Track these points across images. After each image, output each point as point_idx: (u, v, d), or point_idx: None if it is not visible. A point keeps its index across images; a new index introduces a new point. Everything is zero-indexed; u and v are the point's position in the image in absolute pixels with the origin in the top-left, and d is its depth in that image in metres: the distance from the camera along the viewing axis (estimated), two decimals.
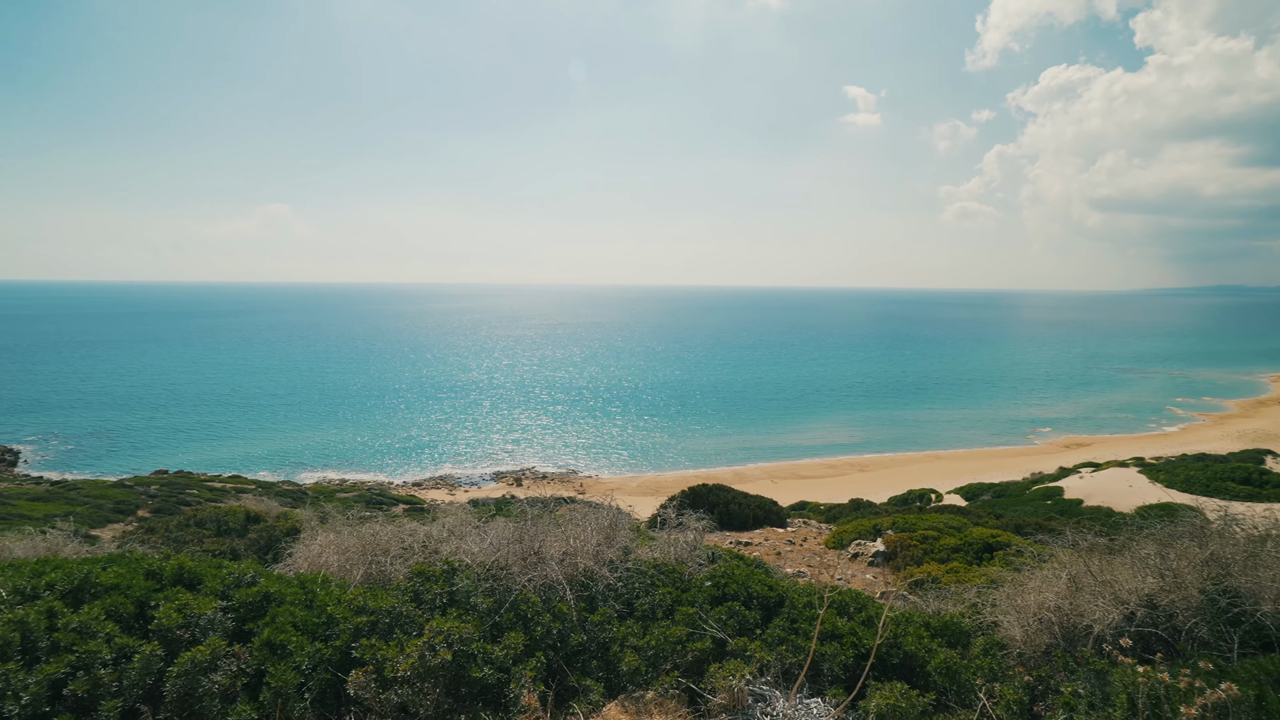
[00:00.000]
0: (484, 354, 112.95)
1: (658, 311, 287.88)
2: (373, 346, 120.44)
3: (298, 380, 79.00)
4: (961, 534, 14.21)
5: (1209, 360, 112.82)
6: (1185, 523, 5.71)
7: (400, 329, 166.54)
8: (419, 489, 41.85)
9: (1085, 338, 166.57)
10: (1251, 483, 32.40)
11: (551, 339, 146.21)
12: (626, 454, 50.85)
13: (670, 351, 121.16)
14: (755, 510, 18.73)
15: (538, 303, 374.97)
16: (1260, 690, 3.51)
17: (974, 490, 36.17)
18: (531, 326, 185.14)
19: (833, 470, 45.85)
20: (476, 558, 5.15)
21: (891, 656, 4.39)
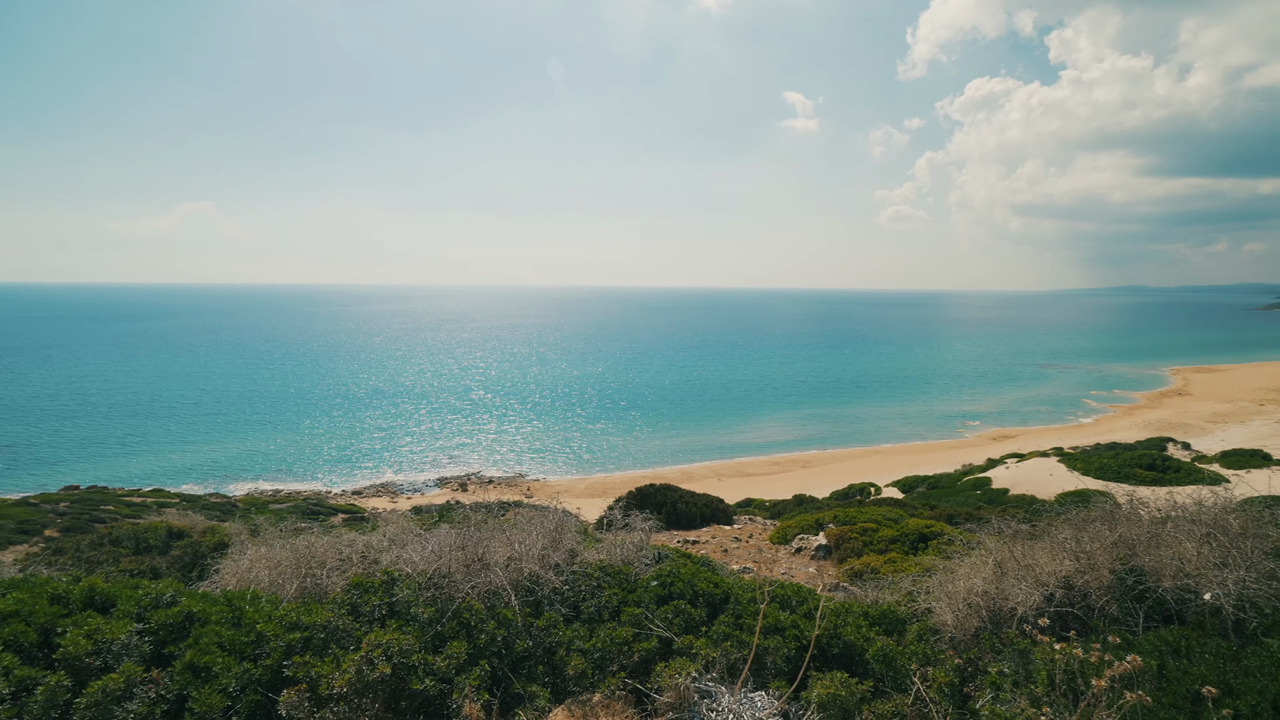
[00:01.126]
0: (425, 357, 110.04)
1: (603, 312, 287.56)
2: (307, 350, 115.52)
3: (225, 387, 74.97)
4: (898, 525, 14.78)
5: (1118, 355, 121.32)
6: (1097, 508, 6.10)
7: (336, 332, 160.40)
8: (359, 498, 40.42)
9: (1010, 335, 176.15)
10: (1155, 468, 34.98)
11: (495, 341, 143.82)
12: (574, 456, 50.56)
13: (617, 352, 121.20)
14: (702, 509, 18.95)
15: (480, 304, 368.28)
16: (1161, 660, 3.79)
17: (910, 483, 37.65)
18: (474, 328, 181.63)
19: (777, 467, 46.85)
20: (418, 566, 5.01)
21: (832, 647, 4.52)
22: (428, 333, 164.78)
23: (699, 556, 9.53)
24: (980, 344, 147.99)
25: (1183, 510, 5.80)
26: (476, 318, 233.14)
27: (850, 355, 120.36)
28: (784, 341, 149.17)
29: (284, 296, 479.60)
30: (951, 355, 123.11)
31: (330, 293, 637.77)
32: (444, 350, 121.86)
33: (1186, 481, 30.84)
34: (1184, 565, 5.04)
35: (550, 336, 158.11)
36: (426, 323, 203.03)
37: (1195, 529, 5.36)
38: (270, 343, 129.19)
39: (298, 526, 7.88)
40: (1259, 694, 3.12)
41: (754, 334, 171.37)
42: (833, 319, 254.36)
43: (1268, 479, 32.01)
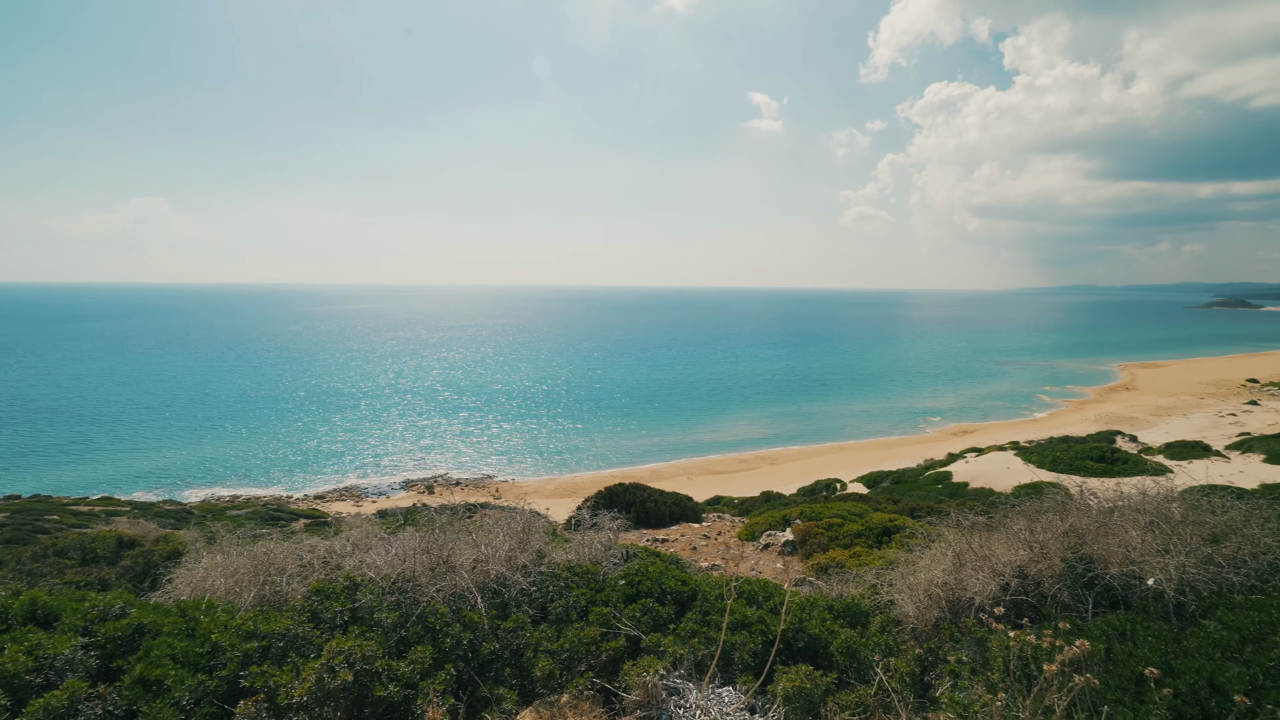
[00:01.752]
0: (388, 358, 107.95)
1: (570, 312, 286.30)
2: (265, 352, 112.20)
3: (178, 390, 72.33)
4: (863, 520, 15.06)
5: (1070, 352, 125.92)
6: (1049, 499, 6.33)
7: (297, 333, 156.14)
8: (322, 502, 39.47)
9: (968, 333, 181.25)
10: (1105, 460, 36.43)
11: (460, 341, 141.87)
12: (542, 456, 50.23)
13: (585, 352, 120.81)
14: (671, 507, 19.01)
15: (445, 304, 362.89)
16: (1109, 644, 3.95)
17: (875, 478, 38.45)
18: (439, 329, 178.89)
19: (745, 465, 47.32)
20: (381, 571, 4.92)
21: (797, 640, 4.59)
22: (391, 333, 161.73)
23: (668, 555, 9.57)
24: (940, 342, 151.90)
25: (1128, 500, 6.05)
26: (442, 318, 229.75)
27: (816, 354, 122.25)
28: (751, 340, 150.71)
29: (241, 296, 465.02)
30: (913, 353, 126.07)
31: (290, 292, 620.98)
32: (408, 351, 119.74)
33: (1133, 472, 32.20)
34: (1129, 552, 5.26)
35: (517, 336, 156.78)
36: (390, 323, 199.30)
37: (1140, 518, 5.60)
38: (226, 344, 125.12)
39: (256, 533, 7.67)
40: (1196, 673, 3.28)
41: (721, 333, 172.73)
42: (798, 318, 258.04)
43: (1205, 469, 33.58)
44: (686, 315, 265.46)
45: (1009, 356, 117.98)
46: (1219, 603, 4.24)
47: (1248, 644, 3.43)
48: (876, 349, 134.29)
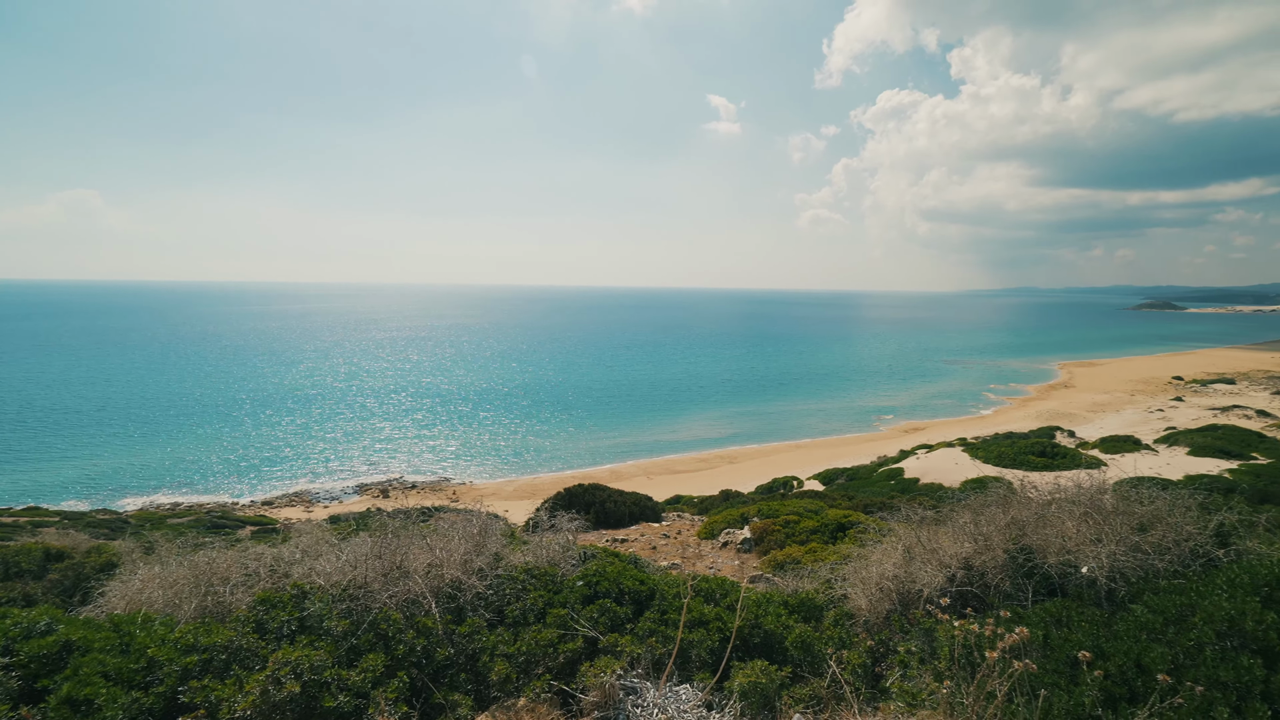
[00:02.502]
0: (341, 358, 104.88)
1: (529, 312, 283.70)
2: (209, 353, 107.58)
3: (113, 393, 68.71)
4: (819, 516, 15.38)
5: (1014, 351, 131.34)
6: (992, 493, 6.58)
7: (243, 332, 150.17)
8: (270, 508, 38.10)
9: (919, 334, 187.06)
10: (1046, 455, 38.12)
11: (416, 341, 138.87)
12: (501, 458, 49.62)
13: (543, 353, 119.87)
14: (631, 507, 19.04)
15: (401, 303, 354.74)
16: (1046, 630, 4.14)
17: (830, 475, 39.31)
18: (394, 328, 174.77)
19: (705, 464, 47.74)
20: (331, 578, 4.78)
21: (753, 636, 4.66)
22: (344, 333, 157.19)
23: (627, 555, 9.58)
24: (893, 342, 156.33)
25: (1065, 493, 6.34)
26: (397, 318, 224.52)
27: (773, 354, 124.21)
28: (710, 341, 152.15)
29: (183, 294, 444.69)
30: (867, 353, 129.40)
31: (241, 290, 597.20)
32: (362, 351, 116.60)
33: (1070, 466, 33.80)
34: (1066, 542, 5.51)
35: (475, 337, 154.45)
36: (343, 322, 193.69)
37: (1075, 509, 5.87)
38: (167, 344, 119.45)
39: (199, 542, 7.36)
40: (1125, 654, 3.47)
41: (680, 333, 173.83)
42: (756, 318, 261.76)
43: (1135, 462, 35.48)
44: (646, 315, 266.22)
45: (957, 356, 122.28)
46: (1145, 588, 4.49)
47: (1170, 626, 3.65)
48: (832, 349, 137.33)
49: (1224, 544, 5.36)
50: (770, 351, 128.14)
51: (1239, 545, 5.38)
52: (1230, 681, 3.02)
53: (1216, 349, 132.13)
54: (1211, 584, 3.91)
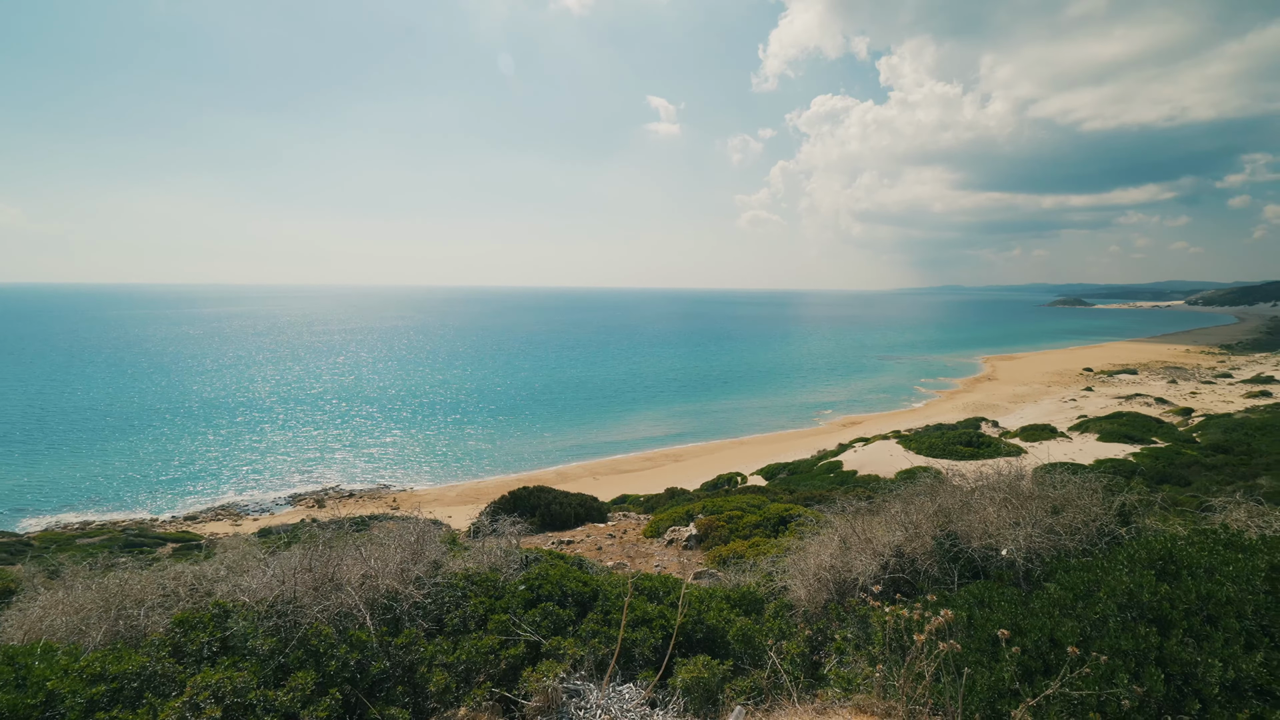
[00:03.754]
0: (270, 364, 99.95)
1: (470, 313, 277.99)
2: (120, 359, 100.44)
3: (5, 405, 63.33)
4: (761, 511, 15.72)
5: (941, 347, 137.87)
6: (921, 483, 6.88)
7: (159, 337, 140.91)
8: (194, 523, 35.92)
9: (854, 331, 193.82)
10: (972, 444, 40.18)
11: (351, 345, 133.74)
12: (443, 463, 48.44)
13: (484, 354, 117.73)
14: (577, 508, 18.95)
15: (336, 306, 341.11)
16: (970, 611, 4.36)
17: (773, 470, 40.22)
18: (328, 332, 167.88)
19: (650, 462, 47.98)
20: (258, 594, 4.55)
21: (696, 632, 4.72)
22: (273, 336, 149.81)
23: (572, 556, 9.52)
24: (830, 339, 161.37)
25: (987, 480, 6.70)
26: (333, 320, 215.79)
27: (716, 353, 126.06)
28: (653, 340, 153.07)
29: (90, 297, 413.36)
30: (806, 350, 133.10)
31: (156, 292, 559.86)
32: (293, 356, 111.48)
33: (994, 454, 35.73)
34: (988, 527, 5.82)
35: (414, 339, 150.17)
36: (272, 326, 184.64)
37: (996, 495, 6.21)
38: (71, 351, 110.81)
39: (111, 562, 6.88)
40: (1039, 630, 3.69)
41: (624, 333, 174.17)
42: (698, 317, 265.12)
43: (1048, 449, 37.86)
44: (589, 316, 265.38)
45: (890, 352, 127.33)
46: (1058, 566, 4.79)
47: (1079, 601, 3.90)
48: (772, 347, 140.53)
49: (1126, 523, 5.79)
50: (713, 350, 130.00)
51: (1138, 523, 5.81)
52: (1130, 649, 3.26)
53: (1121, 342, 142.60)
54: (1114, 560, 4.20)
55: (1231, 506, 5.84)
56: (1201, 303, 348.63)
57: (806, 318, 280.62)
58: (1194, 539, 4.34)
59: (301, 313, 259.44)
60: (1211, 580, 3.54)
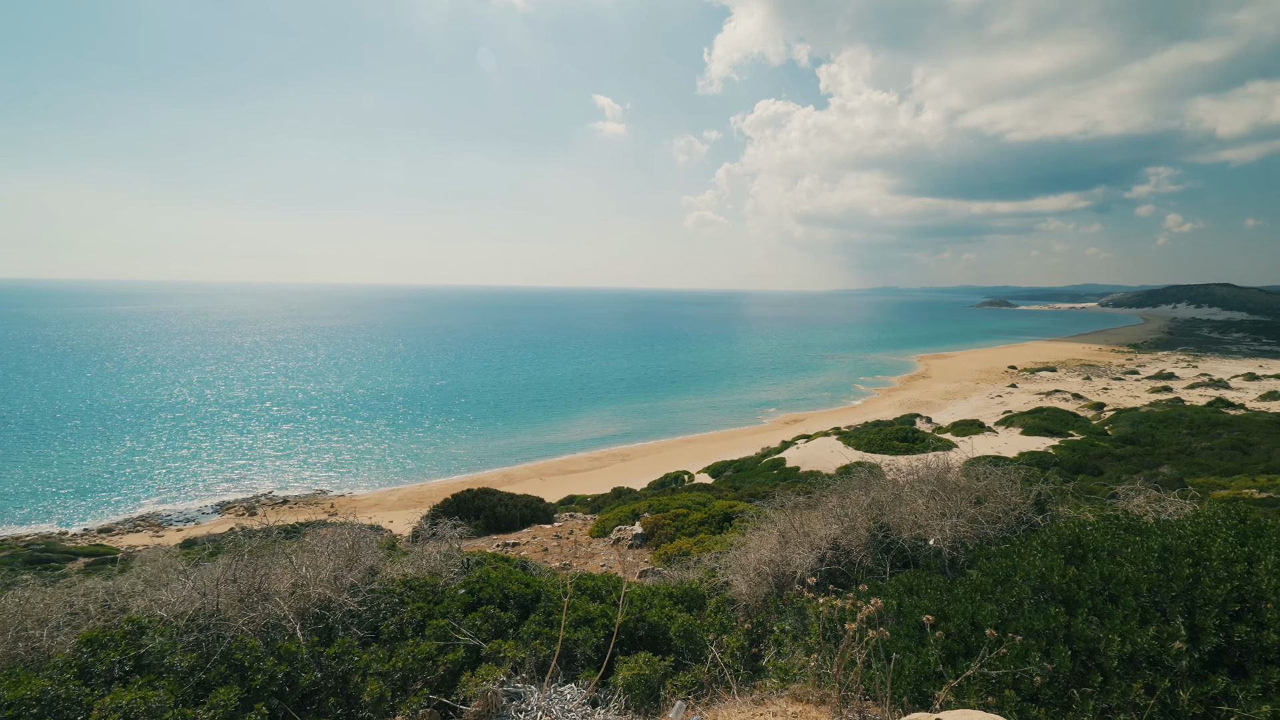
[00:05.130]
0: (195, 365, 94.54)
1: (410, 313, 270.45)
2: (23, 361, 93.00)
3: None
4: (706, 508, 15.93)
5: (879, 346, 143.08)
6: (856, 477, 7.13)
7: (69, 337, 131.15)
8: (110, 536, 33.61)
9: (797, 330, 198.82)
10: (908, 440, 41.85)
11: (285, 346, 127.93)
12: (383, 467, 46.98)
13: (427, 355, 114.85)
14: (522, 510, 18.73)
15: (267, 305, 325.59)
16: (900, 599, 4.55)
17: (719, 468, 40.82)
18: (258, 332, 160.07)
19: (598, 462, 47.90)
20: (177, 608, 4.31)
21: (638, 630, 4.75)
22: (199, 337, 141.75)
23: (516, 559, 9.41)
24: (774, 339, 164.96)
25: (916, 473, 7.01)
26: (261, 320, 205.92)
27: (663, 352, 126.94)
28: (600, 340, 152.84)
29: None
30: (751, 349, 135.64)
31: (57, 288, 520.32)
32: (221, 357, 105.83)
33: (928, 449, 37.31)
34: (917, 518, 6.09)
35: (351, 339, 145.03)
36: (198, 325, 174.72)
37: (924, 488, 6.51)
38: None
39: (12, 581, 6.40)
40: (962, 615, 3.89)
41: (571, 333, 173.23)
42: (645, 317, 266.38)
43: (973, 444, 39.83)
44: (535, 315, 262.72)
45: (831, 351, 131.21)
46: (980, 554, 5.05)
47: (998, 586, 4.13)
48: (718, 346, 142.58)
49: (1042, 511, 6.16)
50: (660, 350, 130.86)
51: (1053, 511, 6.20)
52: (1042, 629, 3.48)
53: (1041, 341, 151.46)
54: (1030, 546, 4.47)
55: (1133, 494, 6.30)
56: (1112, 305, 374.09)
57: (752, 318, 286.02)
58: (1100, 524, 4.65)
59: (230, 311, 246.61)
60: (1113, 562, 3.81)
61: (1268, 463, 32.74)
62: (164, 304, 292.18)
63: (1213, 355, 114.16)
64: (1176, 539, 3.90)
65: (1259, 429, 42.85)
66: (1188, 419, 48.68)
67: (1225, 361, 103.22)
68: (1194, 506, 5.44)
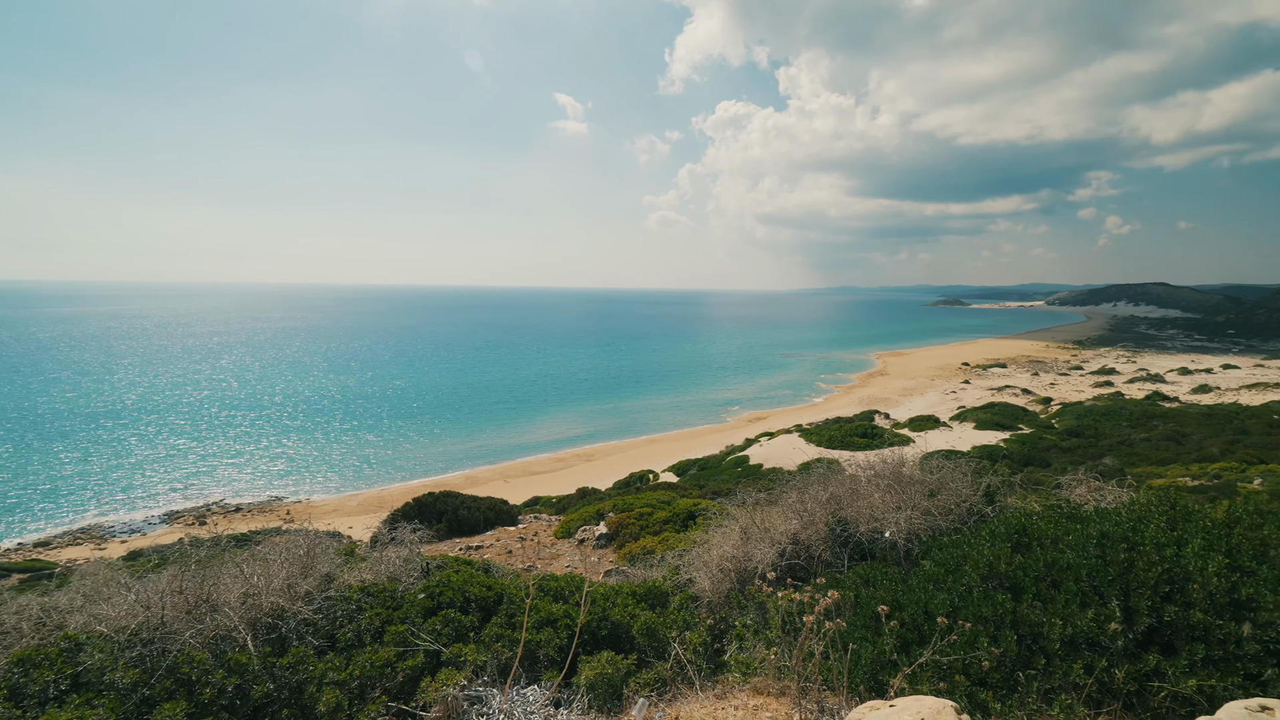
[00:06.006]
0: (140, 369, 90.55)
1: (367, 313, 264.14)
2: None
3: None
4: (671, 507, 16.01)
5: (839, 344, 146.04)
6: (815, 472, 7.27)
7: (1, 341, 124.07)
8: (48, 550, 31.91)
9: (759, 330, 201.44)
10: (867, 435, 42.82)
11: (236, 348, 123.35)
12: (343, 472, 45.79)
13: (386, 357, 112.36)
14: (486, 512, 18.51)
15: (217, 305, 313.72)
16: (857, 591, 4.66)
17: (684, 466, 41.05)
18: (209, 334, 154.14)
19: (562, 463, 47.64)
20: (119, 623, 4.13)
21: (601, 629, 4.75)
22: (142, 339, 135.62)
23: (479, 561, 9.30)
24: (737, 338, 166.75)
25: (873, 468, 7.19)
26: (211, 321, 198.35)
27: (626, 352, 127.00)
28: (564, 340, 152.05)
29: None
30: (714, 349, 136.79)
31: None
32: (168, 360, 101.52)
33: (886, 444, 38.24)
34: (874, 511, 6.25)
35: (308, 340, 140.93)
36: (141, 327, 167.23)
37: (881, 482, 6.68)
38: None
39: None
40: (916, 604, 4.01)
41: (534, 333, 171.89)
42: (609, 317, 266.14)
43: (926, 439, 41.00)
44: (498, 316, 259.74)
45: (793, 350, 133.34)
46: (933, 545, 5.21)
47: (949, 575, 4.27)
48: (681, 346, 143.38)
49: (991, 502, 6.39)
50: (624, 350, 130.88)
51: (1001, 502, 6.44)
52: (990, 615, 3.61)
53: (992, 339, 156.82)
54: (979, 536, 4.63)
55: (1076, 484, 6.59)
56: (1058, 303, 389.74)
57: (714, 317, 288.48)
58: (1044, 514, 4.85)
59: (177, 313, 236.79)
60: (1056, 549, 3.98)
61: (1199, 452, 34.61)
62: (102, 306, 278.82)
63: (1150, 351, 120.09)
64: (1113, 526, 4.09)
65: (1192, 420, 45.24)
66: (1127, 412, 51.09)
67: (1161, 357, 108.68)
68: (1130, 495, 5.72)
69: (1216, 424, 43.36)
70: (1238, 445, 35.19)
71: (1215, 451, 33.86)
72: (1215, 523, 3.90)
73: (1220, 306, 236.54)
